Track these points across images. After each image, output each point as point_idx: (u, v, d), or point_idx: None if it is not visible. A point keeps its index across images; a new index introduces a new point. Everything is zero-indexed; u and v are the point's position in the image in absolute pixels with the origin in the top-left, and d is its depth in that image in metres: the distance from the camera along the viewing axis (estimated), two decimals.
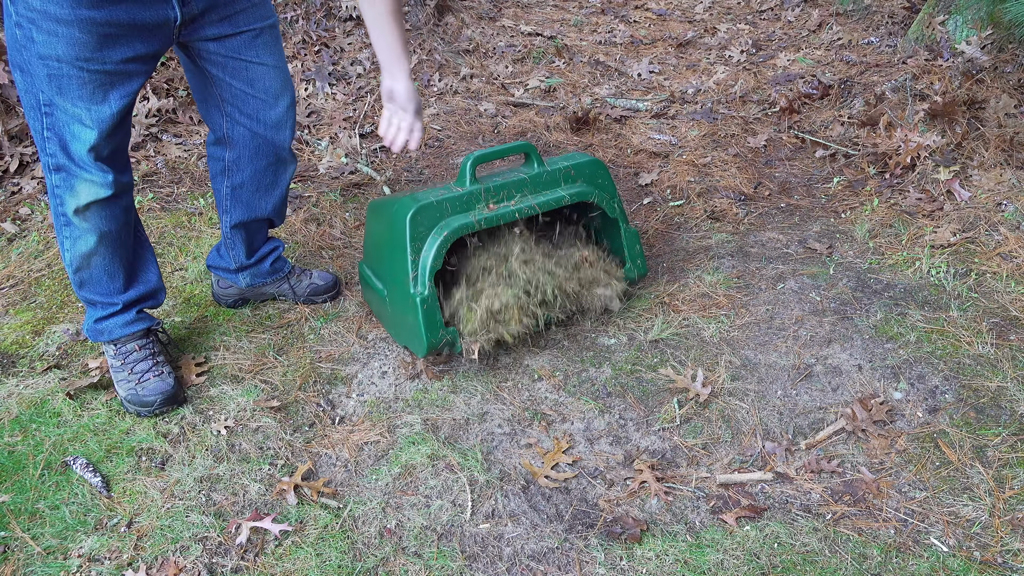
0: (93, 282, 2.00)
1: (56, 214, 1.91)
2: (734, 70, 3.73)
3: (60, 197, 1.86)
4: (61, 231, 1.93)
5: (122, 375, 2.06)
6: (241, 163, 2.10)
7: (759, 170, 2.98)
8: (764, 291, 2.38)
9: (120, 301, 2.04)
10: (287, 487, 1.85)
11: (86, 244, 1.92)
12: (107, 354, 2.10)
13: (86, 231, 1.89)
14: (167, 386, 2.04)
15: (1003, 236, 2.46)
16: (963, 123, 2.81)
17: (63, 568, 1.71)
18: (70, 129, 1.76)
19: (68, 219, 1.88)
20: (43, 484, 1.90)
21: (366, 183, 3.00)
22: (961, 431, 1.91)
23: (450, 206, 2.04)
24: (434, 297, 2.02)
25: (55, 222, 1.93)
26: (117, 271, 2.01)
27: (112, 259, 1.98)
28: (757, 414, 2.01)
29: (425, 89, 3.64)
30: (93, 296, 2.03)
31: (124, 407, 2.06)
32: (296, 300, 2.41)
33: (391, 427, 2.02)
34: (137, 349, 2.07)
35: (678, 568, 1.67)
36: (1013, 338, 2.14)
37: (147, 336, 2.10)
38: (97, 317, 2.05)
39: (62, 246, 1.95)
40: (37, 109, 1.76)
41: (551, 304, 2.17)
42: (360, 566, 1.70)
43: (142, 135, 3.22)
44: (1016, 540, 1.68)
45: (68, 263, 1.97)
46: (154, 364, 2.06)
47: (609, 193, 2.22)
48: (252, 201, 2.17)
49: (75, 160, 1.80)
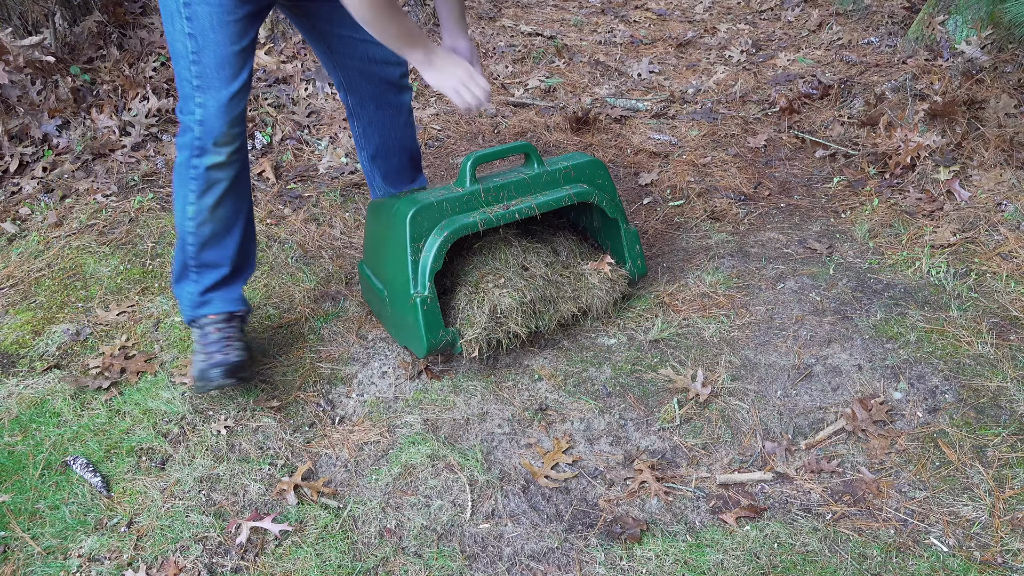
0: (218, 235, 2.02)
1: (186, 167, 1.93)
2: (734, 70, 3.73)
3: (200, 151, 1.90)
4: (188, 184, 1.95)
5: (200, 357, 2.04)
6: (364, 103, 2.27)
7: (759, 170, 2.98)
8: (764, 291, 2.38)
9: (229, 263, 2.06)
10: (287, 487, 1.85)
11: (212, 196, 1.96)
12: (193, 338, 2.09)
13: (217, 183, 1.95)
14: (232, 359, 2.00)
15: (1003, 236, 2.46)
16: (963, 123, 2.81)
17: (63, 568, 1.71)
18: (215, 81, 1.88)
19: (200, 172, 1.92)
20: (43, 484, 1.90)
21: (366, 183, 3.00)
22: (961, 431, 1.91)
23: (450, 207, 2.05)
24: (434, 298, 2.02)
25: (181, 176, 1.95)
26: (235, 222, 2.04)
27: (231, 211, 2.02)
28: (757, 414, 2.01)
29: (425, 89, 3.64)
30: (214, 256, 2.03)
31: (193, 388, 2.05)
32: None
33: (391, 427, 2.02)
34: (215, 331, 2.06)
35: (678, 568, 1.67)
36: (1013, 338, 2.14)
37: (229, 321, 2.08)
38: (209, 285, 2.05)
39: (184, 200, 1.97)
40: (185, 58, 1.86)
41: (553, 302, 2.16)
42: (360, 566, 1.70)
43: (142, 135, 3.22)
44: (1016, 540, 1.68)
45: (191, 217, 1.98)
46: (226, 344, 2.03)
47: (609, 193, 2.22)
48: (383, 132, 2.32)
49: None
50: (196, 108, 1.88)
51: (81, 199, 2.90)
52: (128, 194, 2.93)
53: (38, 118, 3.13)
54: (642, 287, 2.42)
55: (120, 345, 2.28)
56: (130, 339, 2.31)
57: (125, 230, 2.76)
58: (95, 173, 3.03)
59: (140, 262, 2.62)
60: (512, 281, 2.13)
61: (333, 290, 2.48)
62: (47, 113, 3.15)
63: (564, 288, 2.20)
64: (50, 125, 3.13)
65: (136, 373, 2.19)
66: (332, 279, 2.53)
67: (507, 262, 2.16)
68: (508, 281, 2.12)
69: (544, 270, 2.18)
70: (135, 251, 2.66)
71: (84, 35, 3.53)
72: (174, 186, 2.00)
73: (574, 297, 2.20)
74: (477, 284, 2.13)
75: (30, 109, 3.16)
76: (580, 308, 2.22)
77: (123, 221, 2.80)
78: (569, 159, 2.22)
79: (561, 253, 2.30)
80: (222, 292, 2.08)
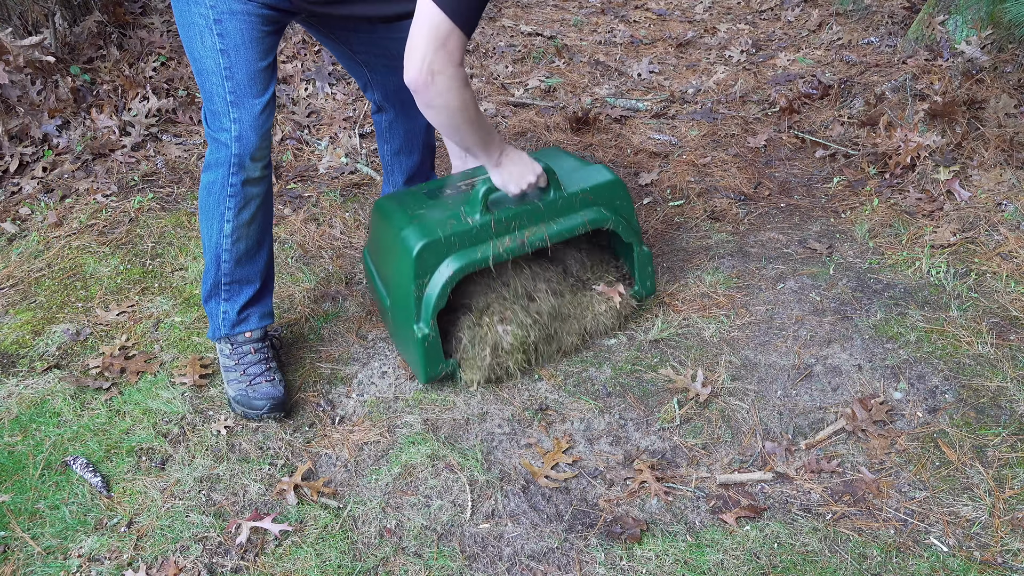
0: (251, 252, 2.03)
1: (222, 185, 1.92)
2: (734, 70, 3.73)
3: (238, 167, 1.90)
4: (224, 202, 1.94)
5: (234, 375, 2.05)
6: (389, 98, 2.29)
7: (759, 170, 2.98)
8: (764, 291, 2.38)
9: (259, 278, 2.07)
10: (287, 487, 1.85)
11: (248, 212, 1.96)
12: (222, 354, 2.09)
13: (252, 198, 1.95)
14: (278, 392, 2.03)
15: (1003, 236, 2.46)
16: (963, 123, 2.81)
17: (63, 568, 1.71)
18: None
19: (237, 188, 1.92)
20: (43, 484, 1.90)
21: (366, 183, 3.00)
22: (961, 431, 1.91)
23: (459, 241, 1.98)
24: (436, 335, 2.01)
25: (217, 195, 1.94)
26: (265, 236, 2.05)
27: (262, 225, 2.03)
28: (757, 414, 2.01)
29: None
30: (245, 272, 2.04)
31: (231, 407, 2.06)
32: None
33: (391, 427, 2.02)
34: (252, 351, 2.07)
35: (678, 568, 1.67)
36: (1013, 338, 2.14)
37: (263, 340, 2.11)
38: (244, 302, 2.05)
39: (221, 219, 1.96)
40: (218, 74, 1.86)
41: (557, 339, 2.16)
42: (360, 566, 1.70)
43: (142, 135, 3.22)
44: (1016, 540, 1.68)
45: (227, 235, 1.97)
46: (267, 368, 2.06)
47: (626, 216, 2.17)
48: (408, 127, 2.36)
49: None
50: (231, 124, 1.86)
51: (81, 199, 2.90)
52: (128, 194, 2.93)
53: (38, 118, 3.13)
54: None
55: (120, 345, 2.28)
56: (130, 339, 2.31)
57: (125, 230, 2.76)
58: (95, 173, 3.03)
59: (140, 262, 2.62)
60: (517, 316, 2.09)
61: (333, 290, 2.48)
62: (47, 113, 3.15)
63: (570, 323, 2.17)
64: (50, 125, 3.13)
65: (136, 373, 2.19)
66: (332, 279, 2.53)
67: (515, 291, 2.12)
68: (513, 316, 2.09)
69: (551, 302, 2.14)
70: (135, 251, 2.67)
71: (84, 35, 3.53)
72: (204, 206, 1.98)
73: (579, 331, 2.20)
74: (481, 314, 2.09)
75: (30, 109, 3.16)
76: (583, 336, 2.21)
77: (123, 221, 2.80)
78: (587, 178, 2.14)
79: (572, 269, 2.26)
80: (257, 307, 2.09)
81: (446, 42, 1.67)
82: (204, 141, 3.27)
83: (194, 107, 3.42)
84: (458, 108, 1.78)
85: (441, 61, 1.68)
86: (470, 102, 1.79)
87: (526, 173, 1.99)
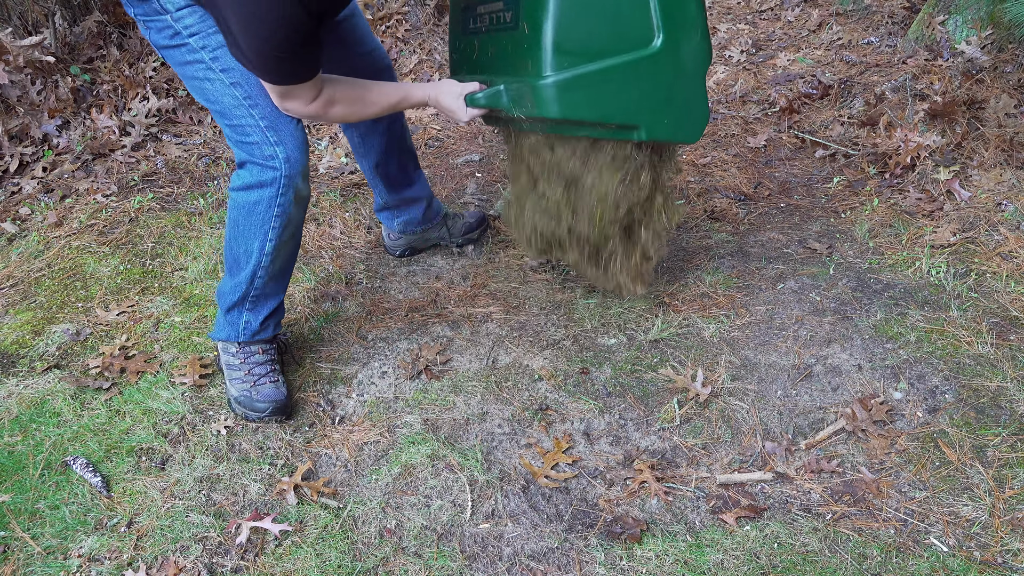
0: (284, 268, 2.04)
1: (269, 205, 1.91)
2: (734, 70, 3.72)
3: (288, 187, 1.90)
4: (270, 221, 1.93)
5: (238, 374, 2.05)
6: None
7: (759, 170, 2.98)
8: (764, 291, 2.38)
9: (284, 291, 2.09)
10: (287, 487, 1.85)
11: (290, 230, 1.98)
12: (225, 352, 2.08)
13: (295, 216, 1.96)
14: (280, 395, 2.03)
15: (1003, 236, 2.46)
16: (963, 123, 2.81)
17: (63, 568, 1.71)
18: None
19: (285, 208, 1.92)
20: (43, 484, 1.90)
21: (366, 183, 3.00)
22: (961, 431, 1.91)
23: None
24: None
25: (262, 214, 1.93)
26: (296, 252, 2.07)
27: (295, 242, 2.04)
28: (757, 414, 2.01)
29: None
30: (275, 288, 2.04)
31: (231, 408, 2.05)
32: (451, 242, 2.61)
33: (391, 427, 2.02)
34: (260, 352, 2.07)
35: (678, 568, 1.67)
36: (1013, 338, 2.14)
37: (272, 341, 2.11)
38: (268, 314, 2.06)
39: (264, 238, 1.95)
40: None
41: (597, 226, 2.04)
42: (360, 566, 1.70)
43: (142, 135, 3.22)
44: (1016, 540, 1.68)
45: (268, 253, 1.97)
46: (272, 370, 2.07)
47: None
48: (383, 137, 2.34)
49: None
50: (276, 148, 1.84)
51: (81, 199, 2.90)
52: (128, 194, 2.93)
53: (38, 118, 3.13)
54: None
55: (120, 345, 2.28)
56: (130, 339, 2.31)
57: (125, 230, 2.76)
58: (95, 173, 3.03)
59: (140, 262, 2.62)
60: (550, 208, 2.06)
61: (333, 290, 2.49)
62: (47, 113, 3.15)
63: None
64: (50, 125, 3.13)
65: (136, 373, 2.19)
66: (332, 279, 2.53)
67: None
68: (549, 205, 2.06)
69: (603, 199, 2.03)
70: (135, 251, 2.67)
71: (84, 35, 3.53)
72: (246, 224, 1.94)
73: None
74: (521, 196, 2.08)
75: (30, 109, 3.16)
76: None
77: (123, 221, 2.80)
78: None
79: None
80: (275, 318, 2.10)
81: (285, 98, 1.77)
82: (205, 142, 3.27)
83: (194, 107, 3.42)
84: (351, 113, 1.90)
85: (297, 110, 1.81)
86: (354, 98, 1.86)
87: (459, 90, 1.96)
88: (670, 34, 1.73)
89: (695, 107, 1.84)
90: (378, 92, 1.91)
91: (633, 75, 1.75)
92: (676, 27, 1.73)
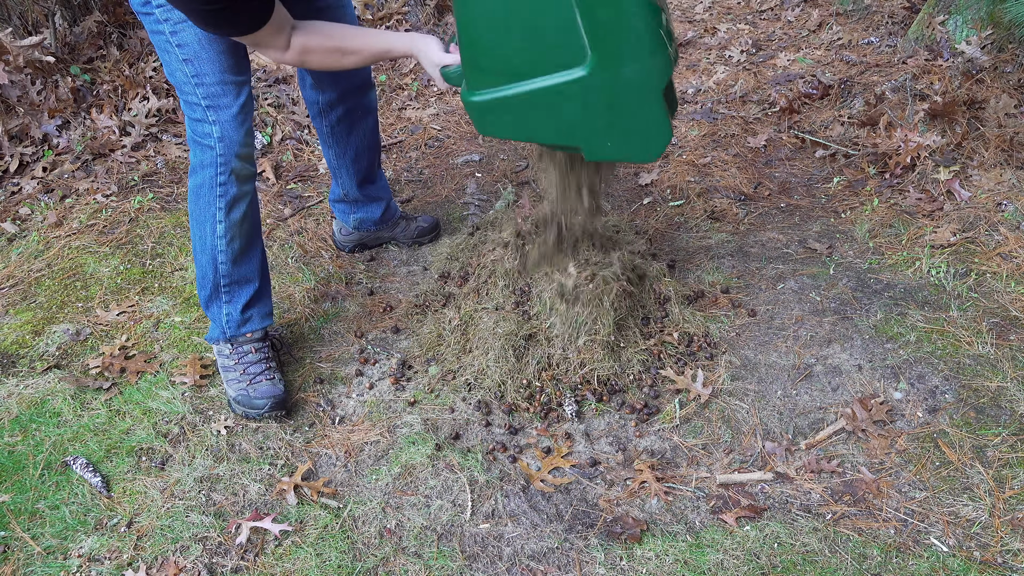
0: (245, 249, 2.03)
1: (210, 186, 1.93)
2: (734, 70, 3.72)
3: (224, 166, 1.91)
4: (215, 203, 1.95)
5: (234, 375, 2.06)
6: (335, 104, 2.29)
7: (759, 170, 2.98)
8: (764, 291, 2.38)
9: (258, 277, 2.08)
10: (287, 487, 1.85)
11: (240, 209, 1.98)
12: (220, 355, 2.10)
13: (239, 194, 1.96)
14: (278, 391, 2.04)
15: (1003, 236, 2.46)
16: (963, 123, 2.81)
17: (63, 568, 1.71)
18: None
19: (226, 188, 1.94)
20: (43, 484, 1.90)
21: None
22: (961, 431, 1.91)
23: None
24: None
25: (206, 196, 1.95)
26: (256, 235, 2.06)
27: (253, 224, 2.04)
28: (757, 414, 2.01)
29: (425, 89, 3.63)
30: (245, 271, 2.04)
31: (231, 408, 2.06)
32: (406, 242, 2.64)
33: (391, 427, 2.02)
34: (253, 351, 2.08)
35: (678, 568, 1.67)
36: (1013, 338, 2.14)
37: (264, 339, 2.11)
38: (246, 301, 2.06)
39: (213, 220, 1.96)
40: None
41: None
42: (360, 566, 1.70)
43: (142, 135, 3.22)
44: (1016, 540, 1.68)
45: (221, 235, 1.98)
46: (267, 368, 2.07)
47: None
48: (358, 133, 2.36)
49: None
50: (212, 127, 1.88)
51: (81, 199, 2.90)
52: (128, 194, 2.93)
53: (38, 118, 3.13)
54: None
55: (120, 345, 2.28)
56: (130, 339, 2.31)
57: (125, 230, 2.76)
58: (95, 173, 3.03)
59: (140, 262, 2.62)
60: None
61: (333, 290, 2.49)
62: (47, 113, 3.15)
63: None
64: (50, 125, 3.13)
65: (136, 373, 2.19)
66: (332, 279, 2.53)
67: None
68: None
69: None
70: (135, 251, 2.67)
71: (84, 35, 3.53)
72: (195, 209, 1.98)
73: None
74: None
75: (30, 109, 3.16)
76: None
77: (123, 221, 2.80)
78: None
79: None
80: (258, 307, 2.10)
81: (258, 50, 1.78)
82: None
83: None
84: (331, 61, 1.86)
85: (278, 60, 1.81)
86: (331, 48, 1.83)
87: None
88: (604, 56, 1.52)
89: (649, 127, 1.66)
90: (358, 39, 1.85)
91: (561, 99, 1.57)
92: (612, 47, 1.51)
